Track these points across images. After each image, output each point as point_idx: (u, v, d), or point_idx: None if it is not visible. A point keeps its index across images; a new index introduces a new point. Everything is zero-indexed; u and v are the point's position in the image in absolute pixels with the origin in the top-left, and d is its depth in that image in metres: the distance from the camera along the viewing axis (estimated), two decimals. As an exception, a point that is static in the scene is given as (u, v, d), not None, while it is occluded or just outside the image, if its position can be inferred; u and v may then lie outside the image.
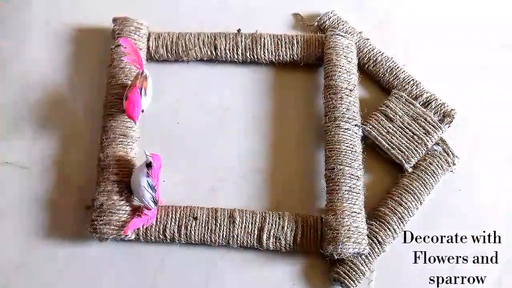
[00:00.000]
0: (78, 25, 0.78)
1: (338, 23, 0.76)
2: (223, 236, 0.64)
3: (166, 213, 0.65)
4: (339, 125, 0.67)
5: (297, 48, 0.73)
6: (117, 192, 0.64)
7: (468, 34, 0.78)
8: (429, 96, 0.71)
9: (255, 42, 0.73)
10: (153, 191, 0.61)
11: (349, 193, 0.64)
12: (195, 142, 0.71)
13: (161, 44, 0.73)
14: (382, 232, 0.64)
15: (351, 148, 0.66)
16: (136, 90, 0.64)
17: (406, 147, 0.68)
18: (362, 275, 0.63)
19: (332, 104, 0.68)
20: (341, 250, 0.61)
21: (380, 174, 0.69)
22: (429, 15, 0.80)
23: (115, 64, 0.70)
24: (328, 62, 0.71)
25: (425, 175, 0.67)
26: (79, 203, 0.67)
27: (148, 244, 0.65)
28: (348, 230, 0.61)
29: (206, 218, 0.64)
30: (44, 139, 0.71)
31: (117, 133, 0.67)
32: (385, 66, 0.73)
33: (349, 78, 0.70)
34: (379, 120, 0.69)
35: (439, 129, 0.68)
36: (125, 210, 0.64)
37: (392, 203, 0.66)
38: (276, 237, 0.63)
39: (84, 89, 0.74)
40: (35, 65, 0.75)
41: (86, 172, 0.68)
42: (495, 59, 0.77)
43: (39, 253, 0.65)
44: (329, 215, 0.63)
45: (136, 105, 0.63)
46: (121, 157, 0.66)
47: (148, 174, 0.61)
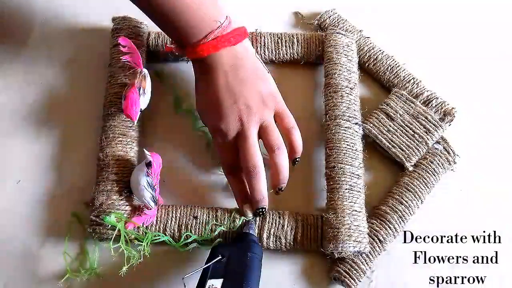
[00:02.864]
0: (77, 24, 0.78)
1: (338, 21, 0.76)
2: (223, 235, 0.63)
3: (166, 212, 0.64)
4: (340, 124, 0.67)
5: (297, 47, 0.73)
6: (116, 191, 0.64)
7: (469, 32, 0.78)
8: (429, 94, 0.71)
9: (255, 41, 0.73)
10: (153, 190, 0.61)
11: (350, 191, 0.63)
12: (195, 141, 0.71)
13: (161, 43, 0.73)
14: (383, 231, 0.64)
15: (352, 146, 0.66)
16: (135, 89, 0.64)
17: (406, 145, 0.68)
18: (362, 274, 0.63)
19: (332, 103, 0.68)
20: (342, 248, 0.61)
21: (381, 173, 0.69)
22: (430, 13, 0.79)
23: (115, 64, 0.70)
24: (329, 60, 0.71)
25: (426, 174, 0.67)
26: (79, 203, 0.67)
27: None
28: (349, 229, 0.61)
29: (206, 217, 0.64)
30: (43, 139, 0.71)
31: (116, 133, 0.67)
32: (386, 64, 0.73)
33: (349, 77, 0.70)
34: (379, 118, 0.69)
35: (440, 128, 0.68)
36: (124, 210, 0.64)
37: (393, 201, 0.66)
38: (276, 236, 0.63)
39: (84, 89, 0.74)
40: (34, 65, 0.75)
41: (86, 172, 0.68)
42: (497, 56, 0.76)
43: (39, 254, 0.65)
44: (330, 214, 0.63)
45: (134, 104, 0.63)
46: (120, 156, 0.65)
47: (148, 173, 0.61)
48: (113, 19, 0.73)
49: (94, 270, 0.63)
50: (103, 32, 0.76)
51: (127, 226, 0.62)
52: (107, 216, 0.61)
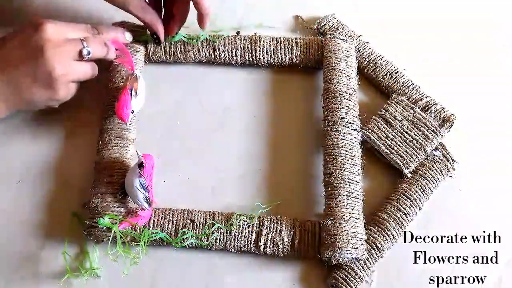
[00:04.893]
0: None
1: (338, 26, 0.76)
2: (221, 240, 0.63)
3: (164, 215, 0.64)
4: (338, 129, 0.66)
5: (296, 51, 0.73)
6: (111, 193, 0.63)
7: (469, 38, 0.78)
8: (428, 100, 0.70)
9: (254, 45, 0.73)
10: (146, 192, 0.61)
11: (348, 198, 0.63)
12: (195, 142, 0.71)
13: (159, 46, 0.73)
14: (381, 238, 0.64)
15: (350, 152, 0.65)
16: (126, 91, 0.64)
17: (405, 152, 0.67)
18: (360, 281, 0.62)
19: (331, 108, 0.68)
20: (339, 255, 0.60)
21: (379, 179, 0.69)
22: (430, 19, 0.79)
23: (113, 67, 0.70)
24: (328, 65, 0.70)
25: (424, 180, 0.67)
26: (79, 204, 0.67)
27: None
28: (347, 236, 0.61)
29: (203, 221, 0.64)
30: (43, 139, 0.71)
31: (112, 135, 0.66)
32: (385, 70, 0.73)
33: (348, 82, 0.69)
34: (378, 124, 0.69)
35: (439, 134, 0.68)
36: (119, 212, 0.63)
37: (391, 208, 0.65)
38: (273, 242, 0.63)
39: (84, 89, 0.73)
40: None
41: (86, 173, 0.68)
42: (496, 62, 0.76)
43: (39, 254, 0.65)
44: (328, 220, 0.62)
45: (125, 106, 0.63)
46: (116, 159, 0.65)
47: (140, 174, 0.60)
48: (112, 25, 0.73)
49: (94, 270, 0.63)
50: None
51: (120, 226, 0.62)
52: (101, 218, 0.61)
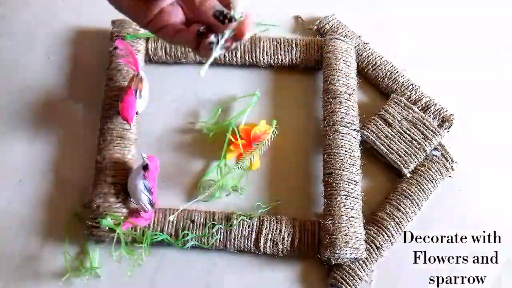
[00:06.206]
0: (77, 26, 0.77)
1: (337, 27, 0.76)
2: (221, 240, 0.63)
3: (164, 215, 0.64)
4: (338, 130, 0.66)
5: (296, 52, 0.73)
6: (113, 194, 0.64)
7: (469, 38, 0.78)
8: (428, 100, 0.71)
9: (254, 45, 0.73)
10: (149, 194, 0.61)
11: (347, 198, 0.63)
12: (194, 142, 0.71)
13: (160, 46, 0.73)
14: (380, 237, 0.64)
15: (350, 152, 0.66)
16: (131, 92, 0.64)
17: (404, 152, 0.68)
18: (359, 280, 0.63)
19: (330, 108, 0.68)
20: (339, 255, 0.61)
21: (378, 179, 0.69)
22: (429, 20, 0.79)
23: (113, 66, 0.70)
24: (327, 66, 0.71)
25: (423, 180, 0.67)
26: (79, 203, 0.67)
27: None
28: (346, 235, 0.61)
29: (203, 221, 0.64)
30: (43, 141, 0.71)
31: (114, 135, 0.67)
32: (384, 70, 0.73)
33: (348, 82, 0.70)
34: (377, 124, 0.69)
35: (438, 134, 0.68)
36: (121, 212, 0.63)
37: (390, 208, 0.66)
38: (273, 242, 0.63)
39: (83, 91, 0.74)
40: (33, 66, 0.75)
41: (86, 173, 0.68)
42: (496, 63, 0.77)
43: (38, 255, 0.65)
44: (327, 220, 0.62)
45: (130, 107, 0.63)
46: (118, 159, 0.65)
47: (145, 176, 0.60)
48: (112, 22, 0.73)
49: (95, 269, 0.63)
50: (103, 34, 0.76)
51: (123, 226, 0.62)
52: (103, 219, 0.61)
